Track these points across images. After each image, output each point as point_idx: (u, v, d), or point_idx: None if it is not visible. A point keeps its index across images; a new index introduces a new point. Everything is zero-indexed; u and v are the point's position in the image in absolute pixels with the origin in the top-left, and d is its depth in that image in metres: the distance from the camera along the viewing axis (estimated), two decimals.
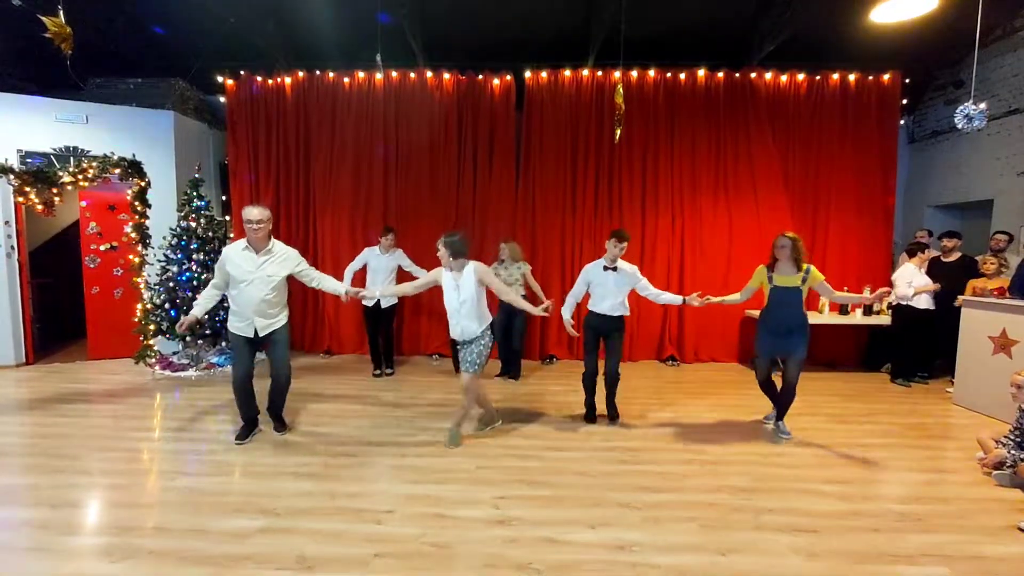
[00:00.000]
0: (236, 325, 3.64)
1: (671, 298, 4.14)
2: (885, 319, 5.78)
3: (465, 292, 3.58)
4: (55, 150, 5.82)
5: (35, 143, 5.77)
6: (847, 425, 4.27)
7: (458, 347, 3.76)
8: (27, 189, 5.10)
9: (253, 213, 3.50)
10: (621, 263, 4.10)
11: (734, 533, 2.64)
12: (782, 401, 4.00)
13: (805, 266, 3.80)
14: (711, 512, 2.84)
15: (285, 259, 3.66)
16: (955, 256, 5.54)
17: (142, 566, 2.32)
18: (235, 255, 3.57)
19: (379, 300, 5.32)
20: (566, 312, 4.19)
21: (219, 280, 3.66)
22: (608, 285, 4.08)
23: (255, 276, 3.54)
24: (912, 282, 5.22)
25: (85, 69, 6.28)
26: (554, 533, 2.61)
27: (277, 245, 3.67)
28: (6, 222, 5.68)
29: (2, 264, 5.67)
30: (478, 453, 3.59)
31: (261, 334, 3.64)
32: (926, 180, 6.95)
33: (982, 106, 3.73)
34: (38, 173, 5.12)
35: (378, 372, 5.66)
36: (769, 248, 3.97)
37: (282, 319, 3.73)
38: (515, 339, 5.48)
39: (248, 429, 3.78)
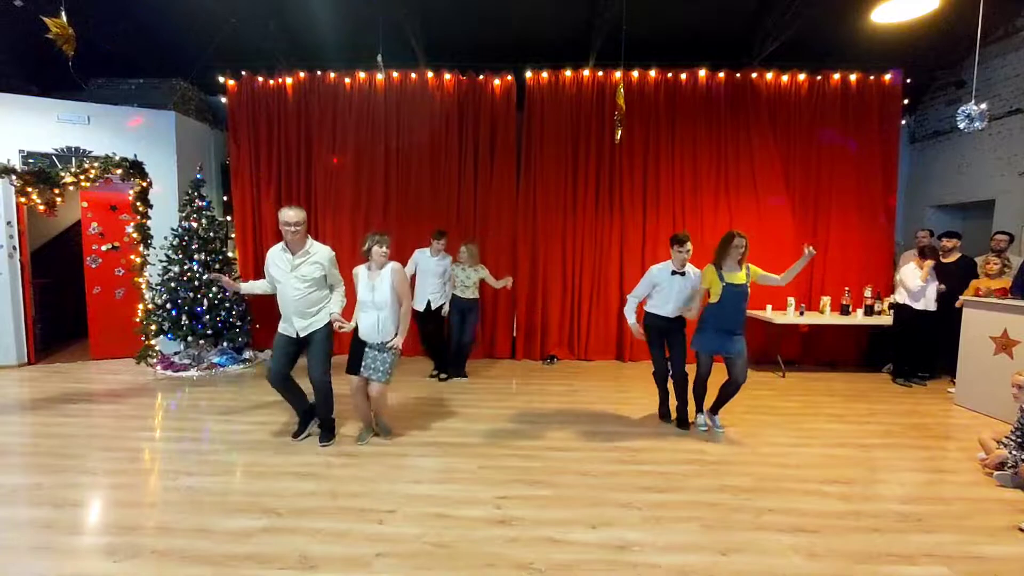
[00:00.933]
0: (281, 324, 3.65)
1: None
2: (886, 319, 5.78)
3: (380, 295, 3.49)
4: (57, 150, 5.84)
5: (37, 143, 5.79)
6: (848, 425, 4.28)
7: (366, 349, 3.57)
8: (29, 189, 5.11)
9: (289, 215, 3.44)
10: (688, 266, 4.07)
11: (735, 533, 2.64)
12: (728, 395, 3.99)
13: (747, 265, 3.88)
14: (712, 512, 2.84)
15: (318, 260, 3.57)
16: (955, 256, 5.54)
17: (145, 565, 2.32)
18: (274, 255, 3.57)
19: (429, 302, 5.32)
20: (630, 315, 4.19)
21: (267, 279, 3.68)
22: (674, 289, 4.05)
23: (290, 276, 3.52)
24: (923, 283, 5.21)
25: (86, 70, 6.28)
26: (555, 533, 2.62)
27: (315, 246, 3.61)
28: (8, 222, 5.70)
29: (4, 264, 5.69)
30: (480, 453, 3.60)
31: (302, 335, 3.60)
32: (927, 180, 6.95)
33: (983, 106, 3.72)
34: (40, 173, 5.13)
35: (434, 374, 5.62)
36: (769, 248, 4.02)
37: (321, 320, 3.62)
38: (467, 334, 5.53)
39: (302, 425, 3.80)
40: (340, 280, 3.75)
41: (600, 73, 6.42)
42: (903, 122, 6.79)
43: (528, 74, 6.43)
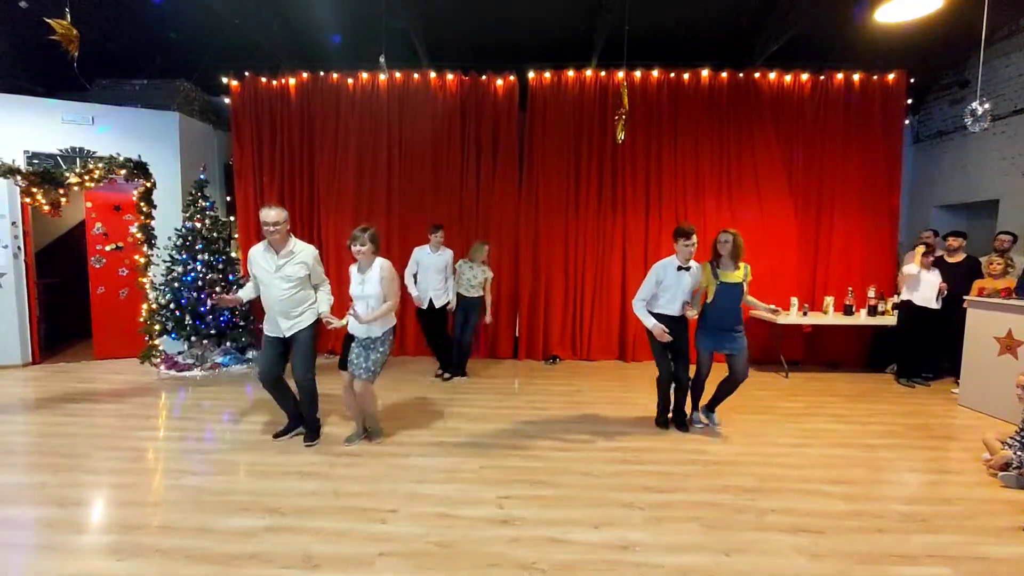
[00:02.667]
0: (266, 325, 3.64)
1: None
2: (890, 320, 5.76)
3: (369, 288, 3.47)
4: (61, 151, 5.86)
5: (42, 144, 5.81)
6: (851, 425, 4.26)
7: (352, 344, 3.56)
8: (34, 190, 5.14)
9: (270, 215, 3.42)
10: (691, 262, 3.94)
11: (737, 533, 2.64)
12: (726, 392, 4.02)
13: (743, 264, 3.88)
14: (714, 512, 2.84)
15: (303, 260, 3.55)
16: (960, 256, 5.51)
17: (148, 564, 2.33)
18: (257, 256, 3.56)
19: (432, 300, 5.30)
20: (647, 317, 3.88)
21: (253, 280, 3.66)
22: (681, 286, 3.88)
23: (273, 277, 3.50)
24: (920, 269, 5.21)
25: (91, 71, 6.31)
26: (558, 533, 2.62)
27: (299, 245, 3.58)
28: (13, 222, 5.72)
29: (9, 264, 5.72)
30: (482, 453, 3.60)
31: (287, 335, 3.58)
32: (931, 180, 6.92)
33: (986, 106, 3.72)
34: (45, 174, 5.16)
35: (439, 373, 5.61)
36: (771, 249, 4.04)
37: (305, 320, 3.60)
38: (467, 333, 5.51)
39: (289, 428, 3.80)
40: (325, 279, 3.73)
41: (603, 73, 6.41)
42: (907, 122, 6.77)
43: (531, 74, 6.43)
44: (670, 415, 4.17)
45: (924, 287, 5.30)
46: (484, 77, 6.50)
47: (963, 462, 3.58)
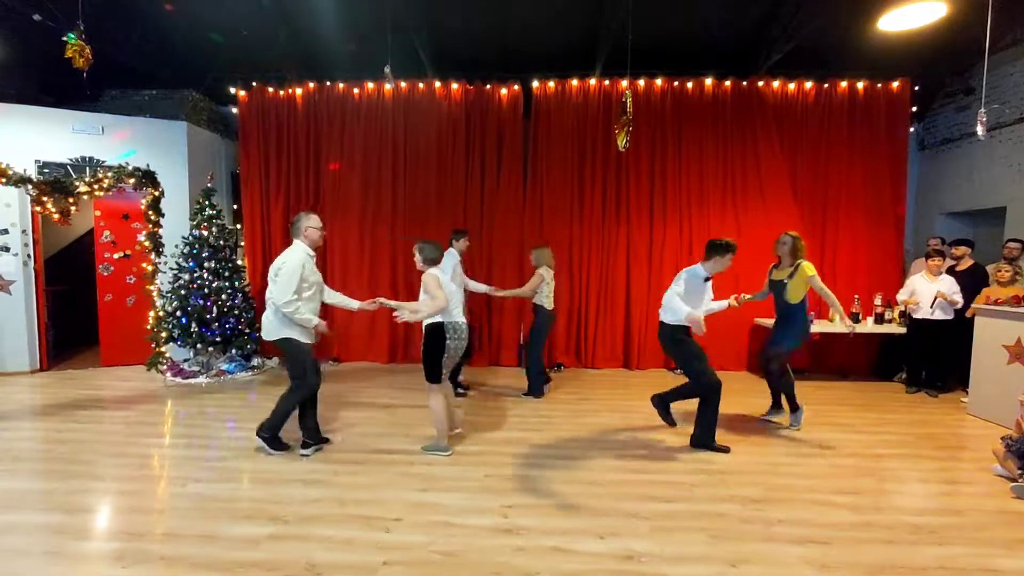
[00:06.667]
0: (306, 334, 3.56)
1: (719, 305, 4.11)
2: (896, 328, 5.73)
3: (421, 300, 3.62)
4: (72, 160, 5.94)
5: (52, 154, 5.90)
6: (859, 435, 4.22)
7: None
8: (45, 199, 5.20)
9: (320, 220, 3.65)
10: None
11: (744, 544, 2.61)
12: (771, 389, 4.29)
13: (800, 262, 4.04)
14: (720, 522, 2.81)
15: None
16: (967, 264, 5.48)
17: (153, 571, 2.34)
18: (308, 264, 3.55)
19: None
20: (694, 312, 3.63)
21: (311, 290, 3.55)
22: (703, 296, 3.90)
23: (318, 280, 3.63)
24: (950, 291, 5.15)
25: (101, 81, 6.41)
26: (562, 542, 2.60)
27: None
28: (24, 231, 5.80)
29: (19, 272, 5.78)
30: (486, 461, 3.59)
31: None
32: (937, 187, 6.90)
33: (984, 116, 3.78)
34: (55, 183, 5.23)
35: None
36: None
37: None
38: (527, 356, 5.25)
39: (315, 439, 3.78)
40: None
41: (606, 82, 6.45)
42: (912, 129, 6.76)
43: (535, 83, 6.48)
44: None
45: (923, 298, 5.26)
46: (488, 86, 6.55)
47: (973, 472, 3.53)
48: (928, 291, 5.24)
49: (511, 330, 6.68)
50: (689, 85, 6.42)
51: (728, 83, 6.39)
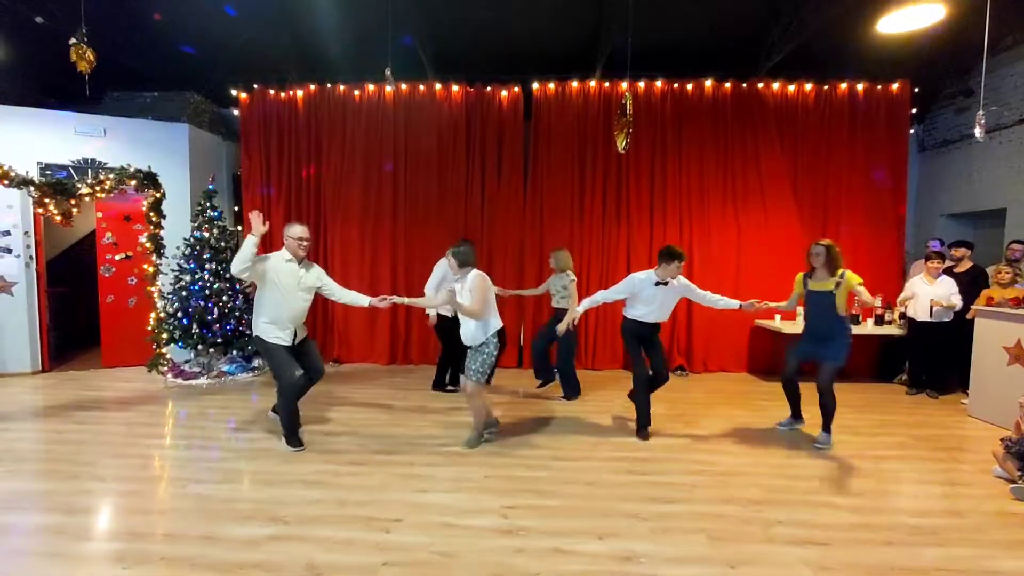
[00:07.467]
0: (277, 335, 3.66)
1: (728, 303, 4.16)
2: (896, 329, 5.72)
3: (464, 299, 3.68)
4: (74, 162, 5.96)
5: (55, 155, 5.91)
6: (859, 436, 4.23)
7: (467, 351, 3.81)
8: (47, 200, 5.22)
9: (303, 231, 3.71)
10: (679, 277, 4.07)
11: (744, 545, 2.61)
12: (821, 408, 4.01)
13: (840, 271, 3.91)
14: (720, 523, 2.81)
15: (317, 273, 3.87)
16: (966, 266, 5.48)
17: (154, 572, 2.34)
18: (281, 266, 3.66)
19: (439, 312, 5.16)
20: (585, 306, 4.18)
21: (256, 265, 3.57)
22: (657, 299, 4.04)
23: (297, 290, 3.69)
24: (951, 293, 5.14)
25: (103, 83, 6.43)
26: (562, 543, 2.61)
27: (306, 260, 3.85)
28: (26, 232, 5.81)
29: (21, 273, 5.79)
30: (486, 463, 3.59)
31: (296, 342, 3.77)
32: (938, 189, 6.90)
33: (981, 119, 3.79)
34: (57, 185, 5.25)
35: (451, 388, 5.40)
36: (777, 259, 4.10)
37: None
38: (557, 358, 5.19)
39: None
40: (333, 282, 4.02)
41: (607, 84, 6.46)
42: (912, 131, 6.77)
43: (535, 85, 6.49)
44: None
45: (920, 300, 5.26)
46: (489, 88, 6.56)
47: (973, 474, 3.53)
48: (926, 294, 5.24)
49: (510, 331, 6.68)
50: (689, 87, 6.43)
51: (728, 85, 6.40)
